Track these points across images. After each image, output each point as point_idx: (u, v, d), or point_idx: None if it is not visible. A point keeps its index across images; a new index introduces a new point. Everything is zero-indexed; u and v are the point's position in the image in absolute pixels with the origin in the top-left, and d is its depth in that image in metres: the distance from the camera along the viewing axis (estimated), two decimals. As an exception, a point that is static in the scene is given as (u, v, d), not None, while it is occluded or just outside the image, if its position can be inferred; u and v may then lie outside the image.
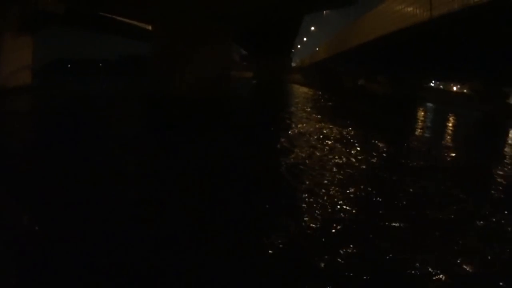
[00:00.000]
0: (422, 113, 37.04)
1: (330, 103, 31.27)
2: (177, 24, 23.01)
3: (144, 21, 35.91)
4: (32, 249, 5.62)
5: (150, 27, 31.98)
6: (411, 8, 28.02)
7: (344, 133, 16.29)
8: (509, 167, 13.70)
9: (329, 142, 14.02)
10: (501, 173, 12.24)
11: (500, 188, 10.31)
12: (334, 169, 10.22)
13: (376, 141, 14.74)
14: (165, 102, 21.49)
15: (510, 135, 29.42)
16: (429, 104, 50.20)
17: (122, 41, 53.19)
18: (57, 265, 5.18)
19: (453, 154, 15.86)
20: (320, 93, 41.43)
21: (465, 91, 71.18)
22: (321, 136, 14.95)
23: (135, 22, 41.19)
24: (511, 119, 42.79)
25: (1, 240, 5.78)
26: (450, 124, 31.11)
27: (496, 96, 49.63)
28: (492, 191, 9.93)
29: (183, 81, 22.56)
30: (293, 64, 78.37)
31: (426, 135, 21.92)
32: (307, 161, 11.05)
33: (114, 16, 37.01)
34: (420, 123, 27.54)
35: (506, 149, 20.35)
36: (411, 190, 9.06)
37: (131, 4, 23.57)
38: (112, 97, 29.10)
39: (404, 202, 8.19)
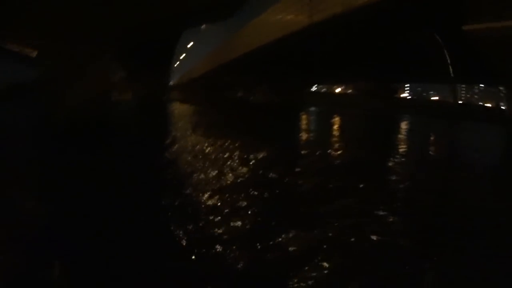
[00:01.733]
0: (305, 118, 37.96)
1: (208, 118, 30.64)
2: (58, 48, 21.36)
3: (28, 46, 33.12)
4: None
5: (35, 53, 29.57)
6: (291, 16, 28.44)
7: (222, 146, 15.50)
8: (390, 158, 14.67)
9: (211, 157, 13.11)
10: (380, 164, 13.29)
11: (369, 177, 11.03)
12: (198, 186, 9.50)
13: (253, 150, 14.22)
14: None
15: (391, 128, 31.15)
16: (313, 109, 51.95)
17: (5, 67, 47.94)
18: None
19: (339, 152, 16.16)
20: (200, 108, 41.03)
21: (349, 91, 75.74)
22: (200, 156, 13.71)
23: (17, 48, 37.70)
24: (394, 113, 46.20)
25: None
26: (336, 125, 32.10)
27: (384, 93, 53.34)
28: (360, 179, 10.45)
29: (63, 107, 20.71)
30: (172, 82, 76.94)
31: (311, 138, 22.09)
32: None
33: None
34: (303, 128, 27.93)
35: (387, 142, 21.45)
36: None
37: (12, 29, 21.80)
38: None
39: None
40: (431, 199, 9.24)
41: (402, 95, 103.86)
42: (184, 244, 6.15)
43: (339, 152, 16.25)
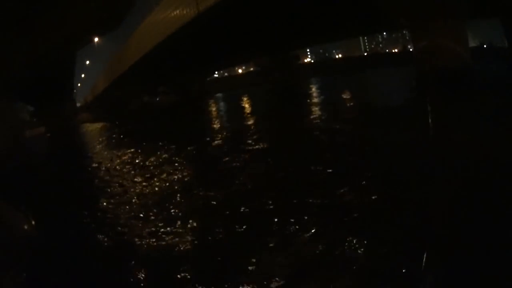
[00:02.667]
0: (214, 106, 38.59)
1: (122, 131, 29.22)
2: None
3: None
4: None
5: None
6: (177, 11, 29.23)
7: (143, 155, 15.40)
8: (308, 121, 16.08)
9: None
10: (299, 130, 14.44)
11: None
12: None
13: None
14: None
15: (301, 94, 32.73)
16: (219, 95, 52.28)
17: None
18: None
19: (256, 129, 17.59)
20: (111, 123, 39.77)
21: (251, 69, 76.47)
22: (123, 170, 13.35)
23: None
24: (298, 80, 47.55)
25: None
26: (247, 105, 33.10)
27: (287, 63, 54.00)
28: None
29: None
30: (78, 104, 74.46)
31: (225, 125, 23.15)
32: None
33: None
34: (214, 116, 28.84)
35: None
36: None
37: None
38: None
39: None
40: (356, 145, 10.36)
41: (306, 60, 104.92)
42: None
43: (258, 131, 16.96)
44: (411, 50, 40.26)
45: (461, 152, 7.81)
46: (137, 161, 14.25)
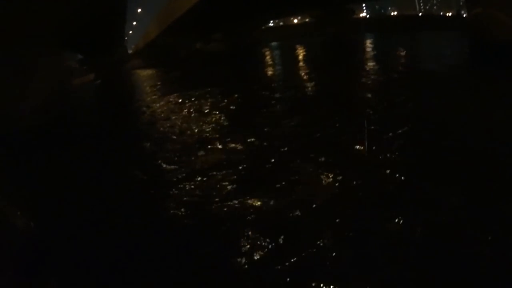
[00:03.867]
0: (268, 54, 38.09)
1: (175, 77, 29.88)
2: (2, 53, 20.69)
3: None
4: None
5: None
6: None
7: (198, 101, 15.75)
8: (361, 78, 15.44)
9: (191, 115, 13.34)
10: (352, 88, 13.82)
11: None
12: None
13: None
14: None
15: (355, 49, 31.74)
16: (274, 43, 51.70)
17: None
18: None
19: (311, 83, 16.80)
20: (163, 69, 40.12)
21: (307, 20, 75.18)
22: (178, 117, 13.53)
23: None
24: (355, 34, 46.55)
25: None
26: (300, 56, 32.44)
27: (342, 16, 53.10)
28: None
29: (19, 113, 20.42)
30: (130, 51, 75.40)
31: (280, 73, 22.62)
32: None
33: None
34: (269, 64, 28.23)
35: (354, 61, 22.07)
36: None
37: None
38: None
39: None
40: (407, 112, 9.73)
41: (361, 15, 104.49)
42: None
43: (311, 83, 16.88)
44: (464, 16, 38.35)
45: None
46: (184, 106, 14.76)
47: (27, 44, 20.94)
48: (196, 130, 10.70)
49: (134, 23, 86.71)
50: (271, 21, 78.85)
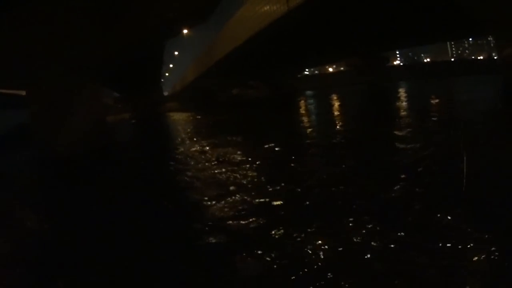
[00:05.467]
0: (303, 103, 37.87)
1: (212, 121, 30.01)
2: (46, 84, 21.38)
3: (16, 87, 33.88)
4: None
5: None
6: (268, 7, 28.48)
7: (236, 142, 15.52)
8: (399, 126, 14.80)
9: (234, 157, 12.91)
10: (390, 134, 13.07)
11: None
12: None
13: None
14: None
15: (390, 94, 31.43)
16: (309, 92, 51.95)
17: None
18: None
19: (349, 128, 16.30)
20: (198, 116, 40.35)
21: (342, 68, 75.70)
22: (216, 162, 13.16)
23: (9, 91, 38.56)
24: (389, 82, 46.47)
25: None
26: (335, 104, 32.12)
27: (377, 64, 53.42)
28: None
29: (60, 143, 20.79)
30: (166, 93, 76.85)
31: (316, 122, 22.29)
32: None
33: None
34: (299, 113, 28.00)
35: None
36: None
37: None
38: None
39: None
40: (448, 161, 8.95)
41: (395, 63, 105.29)
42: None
43: (348, 128, 16.76)
44: (495, 58, 38.04)
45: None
46: (215, 153, 14.13)
47: (74, 75, 21.53)
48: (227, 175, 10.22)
49: (171, 65, 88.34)
50: (306, 70, 79.41)
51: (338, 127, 18.46)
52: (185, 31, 35.96)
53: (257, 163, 11.02)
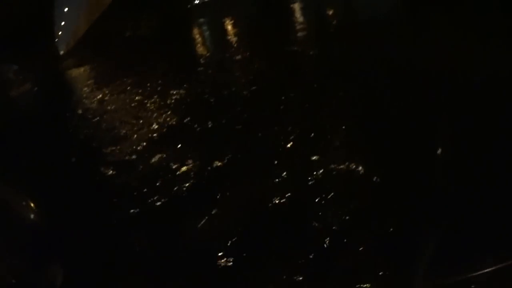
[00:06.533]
0: (197, 32, 36.50)
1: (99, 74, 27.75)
2: None
3: None
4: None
5: None
6: None
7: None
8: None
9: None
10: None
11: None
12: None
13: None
14: None
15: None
16: (202, 19, 49.28)
17: None
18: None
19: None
20: (93, 66, 37.70)
21: None
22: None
23: None
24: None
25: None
26: (233, 30, 31.23)
27: None
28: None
29: None
30: (61, 52, 70.76)
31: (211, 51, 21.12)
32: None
33: None
34: (200, 42, 26.94)
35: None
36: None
37: None
38: None
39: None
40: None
41: None
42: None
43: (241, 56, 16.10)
44: None
45: None
46: (118, 99, 13.35)
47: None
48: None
49: (63, 23, 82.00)
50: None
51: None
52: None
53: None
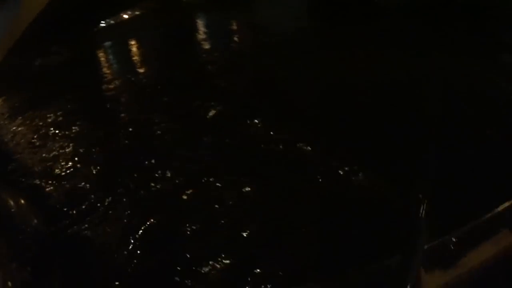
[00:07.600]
0: (102, 55, 20.44)
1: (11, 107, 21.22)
2: None
3: None
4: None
5: None
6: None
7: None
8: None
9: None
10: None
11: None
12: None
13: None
14: None
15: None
16: (107, 43, 32.52)
17: None
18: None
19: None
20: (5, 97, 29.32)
21: (137, 13, 66.00)
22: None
23: None
24: (190, 18, 41.31)
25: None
26: (139, 50, 23.64)
27: (174, 3, 48.85)
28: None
29: None
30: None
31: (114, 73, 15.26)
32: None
33: None
34: (104, 68, 20.41)
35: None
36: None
37: None
38: None
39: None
40: None
41: None
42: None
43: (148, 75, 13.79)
44: None
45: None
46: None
47: None
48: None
49: None
50: (102, 22, 77.57)
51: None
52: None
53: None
